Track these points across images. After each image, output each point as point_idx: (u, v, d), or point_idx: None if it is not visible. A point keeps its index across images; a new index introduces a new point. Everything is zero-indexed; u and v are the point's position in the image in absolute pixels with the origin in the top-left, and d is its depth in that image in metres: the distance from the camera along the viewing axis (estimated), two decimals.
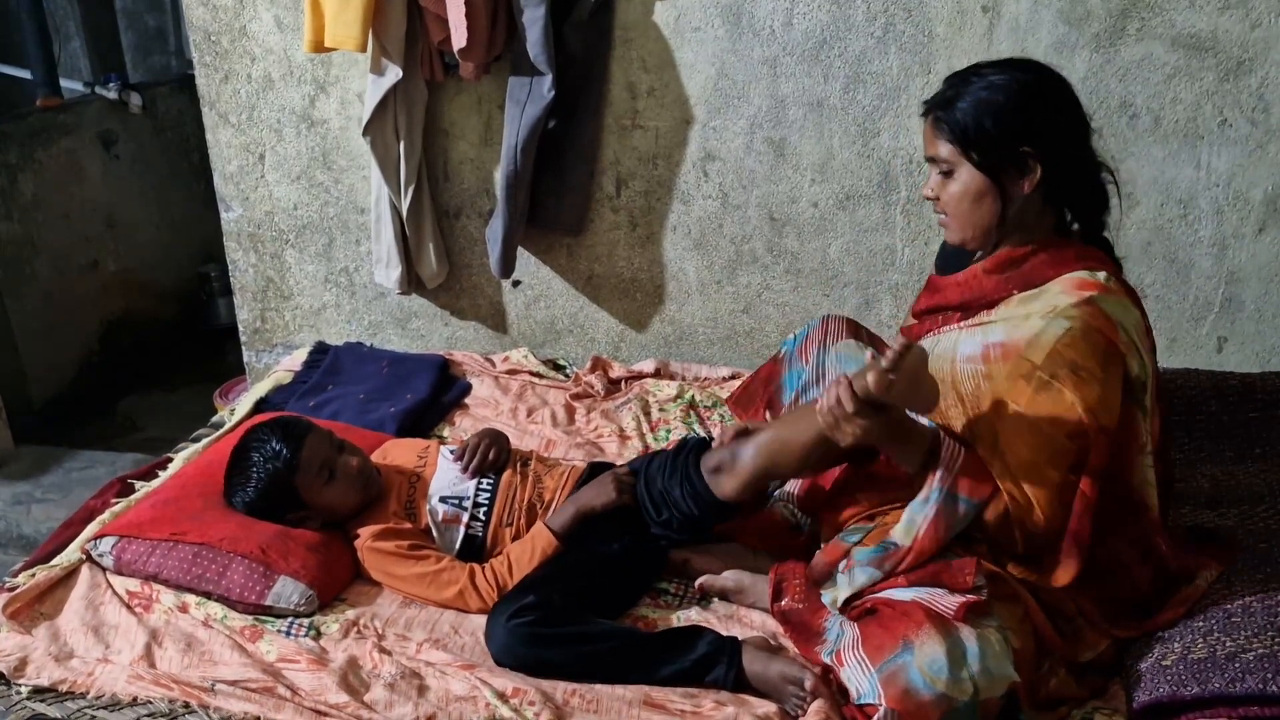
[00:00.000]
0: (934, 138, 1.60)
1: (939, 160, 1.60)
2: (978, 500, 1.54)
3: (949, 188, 1.60)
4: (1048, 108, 1.56)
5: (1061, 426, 1.51)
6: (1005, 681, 1.45)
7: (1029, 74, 1.58)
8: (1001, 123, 1.54)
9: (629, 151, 2.63)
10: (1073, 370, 1.51)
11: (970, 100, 1.55)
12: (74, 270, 3.95)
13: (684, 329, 2.79)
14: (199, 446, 2.25)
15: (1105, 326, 1.52)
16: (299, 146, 2.80)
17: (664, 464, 1.88)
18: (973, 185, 1.58)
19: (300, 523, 1.90)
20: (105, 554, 1.85)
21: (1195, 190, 2.39)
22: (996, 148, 1.55)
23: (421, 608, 1.81)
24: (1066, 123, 1.57)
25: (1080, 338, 1.51)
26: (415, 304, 2.91)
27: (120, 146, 4.14)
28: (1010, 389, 1.55)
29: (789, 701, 1.55)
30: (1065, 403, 1.50)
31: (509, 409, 2.50)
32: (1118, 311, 1.55)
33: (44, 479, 3.32)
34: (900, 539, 1.57)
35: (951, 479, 1.54)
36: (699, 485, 1.80)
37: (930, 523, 1.55)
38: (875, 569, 1.58)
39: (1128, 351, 1.54)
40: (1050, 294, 1.57)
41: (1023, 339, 1.55)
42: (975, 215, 1.60)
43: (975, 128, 1.55)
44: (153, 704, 1.58)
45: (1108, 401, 1.52)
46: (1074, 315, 1.52)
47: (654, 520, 1.85)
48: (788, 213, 2.60)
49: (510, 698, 1.55)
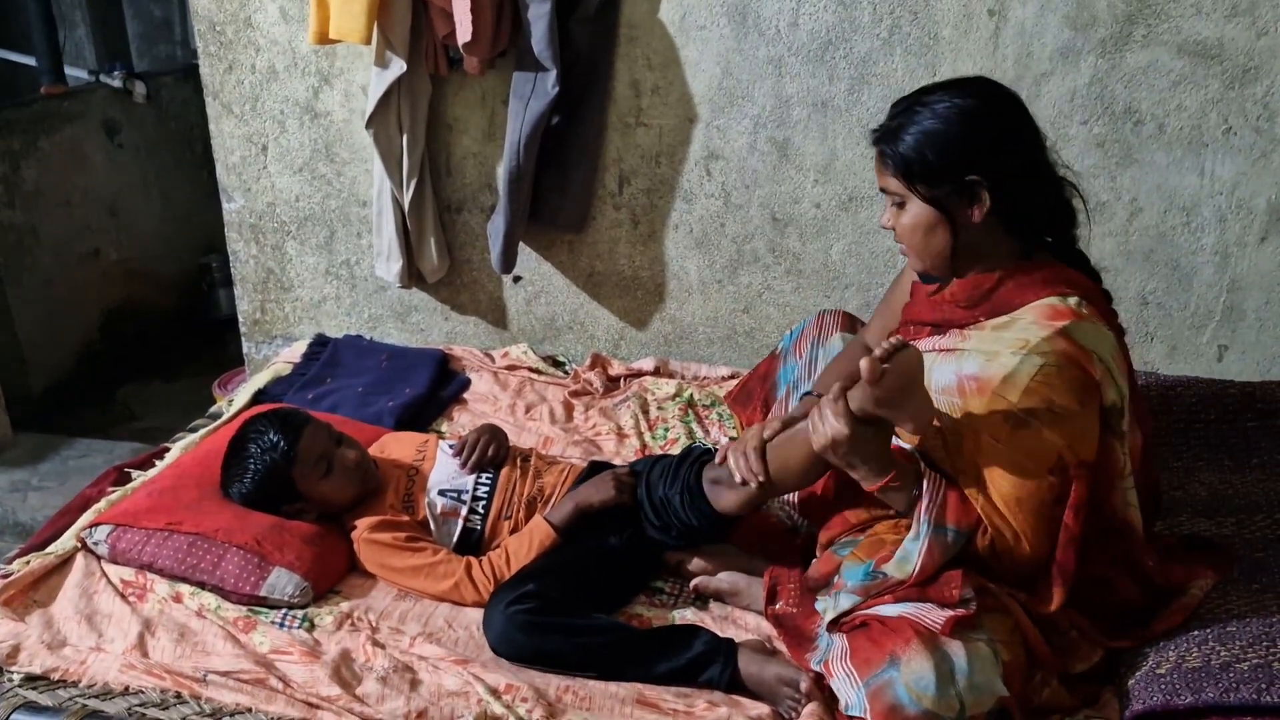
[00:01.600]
0: (881, 170, 1.58)
1: (889, 193, 1.58)
2: (965, 529, 1.53)
3: (901, 219, 1.58)
4: (993, 134, 1.52)
5: (1042, 462, 1.50)
6: (993, 697, 1.44)
7: (975, 99, 1.53)
8: (945, 154, 1.51)
9: (632, 149, 2.62)
10: (1049, 408, 1.49)
11: (913, 132, 1.52)
12: (75, 259, 3.95)
13: (684, 328, 2.78)
14: (196, 437, 2.25)
15: (1080, 357, 1.49)
16: (302, 138, 2.80)
17: (666, 471, 1.88)
18: (922, 217, 1.56)
19: (297, 515, 1.90)
20: (100, 542, 1.84)
21: (1199, 198, 2.39)
22: (941, 179, 1.52)
23: (416, 601, 1.81)
24: (1015, 147, 1.54)
25: (1055, 375, 1.48)
26: (415, 298, 2.91)
27: (124, 135, 4.14)
28: (988, 425, 1.52)
29: (783, 704, 1.55)
30: (1044, 440, 1.49)
31: (507, 405, 2.50)
32: (1091, 339, 1.52)
33: (41, 467, 3.33)
34: (894, 571, 1.55)
35: (937, 510, 1.53)
36: (699, 497, 1.79)
37: (924, 556, 1.53)
38: (860, 597, 1.57)
39: (1103, 381, 1.51)
40: (1021, 324, 1.54)
41: (997, 375, 1.52)
42: (929, 246, 1.58)
43: (919, 160, 1.52)
44: (145, 694, 1.58)
45: (1085, 436, 1.51)
46: (1047, 351, 1.49)
47: (652, 525, 1.85)
48: (790, 213, 2.60)
49: (503, 694, 1.55)
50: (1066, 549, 1.52)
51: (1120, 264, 2.46)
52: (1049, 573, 1.54)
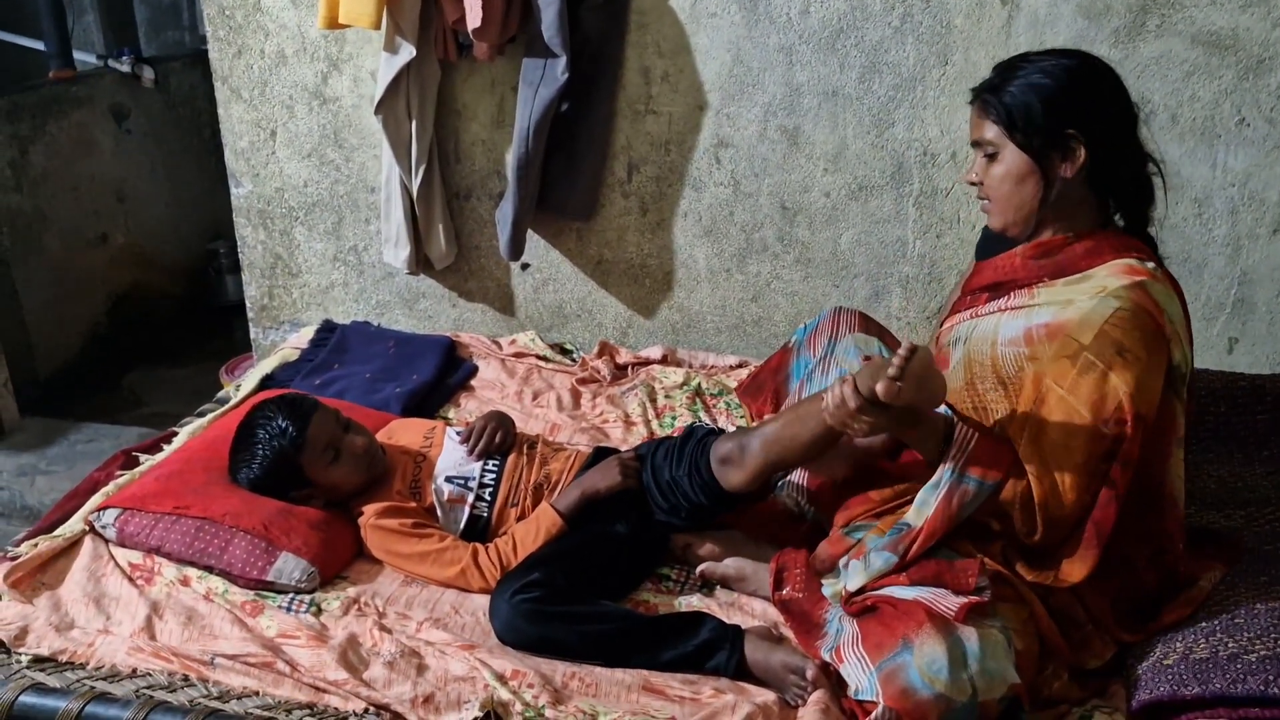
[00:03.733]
0: (980, 120, 1.61)
1: (984, 143, 1.61)
2: (990, 482, 1.53)
3: (993, 170, 1.61)
4: (1095, 93, 1.56)
5: (1100, 411, 1.50)
6: (1005, 684, 1.44)
7: (1078, 61, 1.59)
8: (1048, 104, 1.54)
9: (641, 136, 2.62)
10: (1119, 352, 1.50)
11: (1018, 84, 1.57)
12: (83, 244, 3.95)
13: (692, 316, 2.78)
14: (204, 421, 2.25)
15: (1154, 310, 1.52)
16: (310, 124, 2.79)
17: (671, 452, 1.88)
18: (1015, 167, 1.58)
19: (304, 500, 1.90)
20: (108, 526, 1.85)
21: (1211, 189, 2.37)
22: (1041, 129, 1.55)
23: (423, 587, 1.81)
24: (1113, 110, 1.58)
25: (1129, 319, 1.51)
26: (423, 284, 2.91)
27: (132, 121, 4.14)
28: (1054, 369, 1.54)
29: (790, 691, 1.55)
30: (1107, 386, 1.49)
31: (514, 392, 2.49)
32: (1164, 298, 1.55)
33: (49, 451, 3.33)
34: (913, 520, 1.57)
35: (964, 459, 1.53)
36: (707, 476, 1.80)
37: (941, 501, 1.54)
38: (891, 553, 1.57)
39: (1172, 339, 1.54)
40: (1098, 277, 1.58)
41: (1071, 319, 1.55)
42: (1017, 198, 1.60)
43: (1021, 109, 1.56)
44: (152, 676, 1.58)
45: (1149, 388, 1.51)
46: (1124, 296, 1.52)
47: (660, 507, 1.85)
48: (799, 202, 2.59)
49: (509, 679, 1.55)
50: (1107, 507, 1.52)
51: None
52: (1081, 534, 1.53)
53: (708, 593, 1.81)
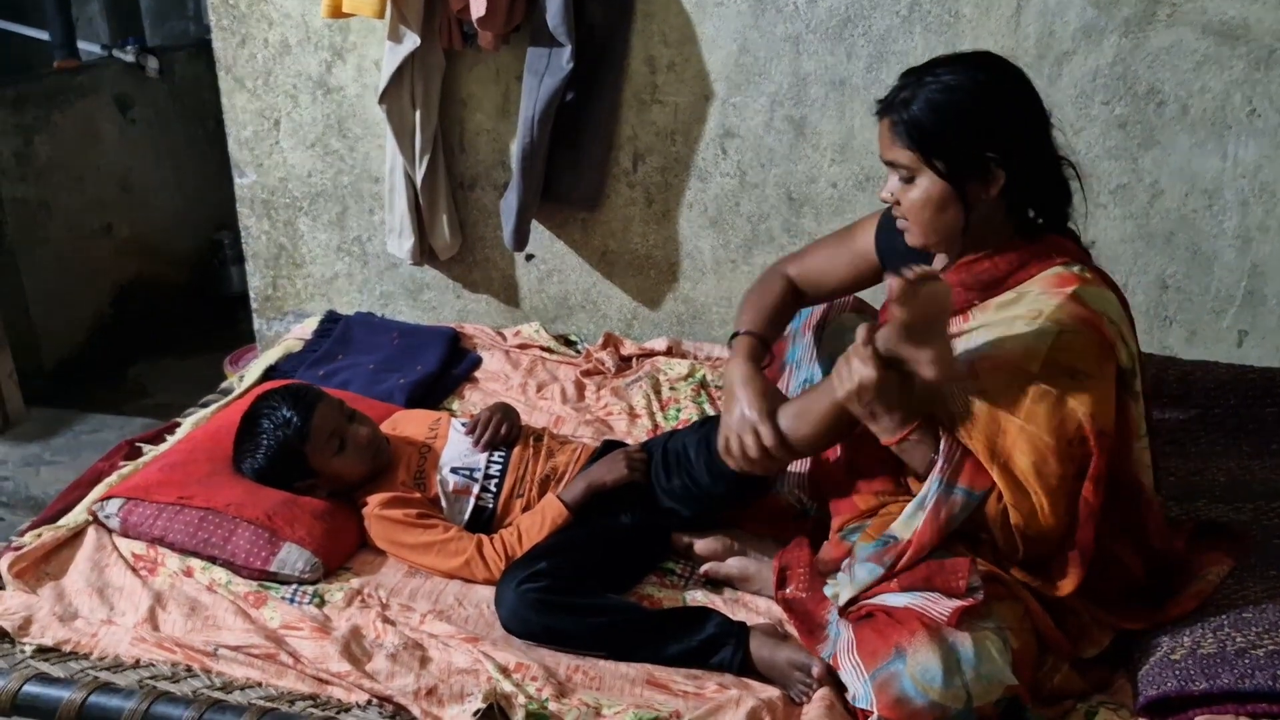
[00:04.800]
0: (891, 142, 1.53)
1: (897, 165, 1.54)
2: (979, 491, 1.50)
3: (909, 194, 1.54)
4: (1009, 110, 1.50)
5: (1062, 433, 1.47)
6: (1001, 686, 1.42)
7: (988, 74, 1.51)
8: (964, 129, 1.48)
9: (647, 126, 2.60)
10: (1071, 375, 1.47)
11: (930, 104, 1.49)
12: (87, 234, 3.95)
13: (697, 308, 2.77)
14: (208, 412, 2.25)
15: (1094, 320, 1.49)
16: (314, 113, 2.78)
17: (687, 435, 1.88)
18: (934, 193, 1.52)
19: (308, 491, 1.90)
20: (112, 516, 1.84)
21: (1221, 181, 2.36)
22: (959, 155, 1.49)
23: (426, 578, 1.81)
24: (1028, 125, 1.52)
25: (1073, 339, 1.48)
26: (427, 275, 2.90)
27: (136, 110, 4.14)
28: (1006, 400, 1.50)
29: (794, 688, 1.54)
30: (1065, 410, 1.47)
31: (519, 384, 2.49)
32: (1099, 301, 1.52)
33: (53, 441, 3.34)
34: (900, 533, 1.54)
35: (950, 469, 1.51)
36: (715, 452, 1.78)
37: (929, 514, 1.51)
38: (876, 564, 1.55)
39: (1115, 341, 1.51)
40: (1030, 296, 1.53)
41: (1015, 350, 1.50)
42: (938, 223, 1.54)
43: (936, 134, 1.48)
44: (155, 667, 1.58)
45: (1105, 402, 1.49)
46: (1062, 316, 1.48)
47: (665, 491, 1.84)
48: (806, 192, 2.57)
49: (513, 672, 1.55)
50: (1086, 525, 1.50)
51: (1140, 247, 2.43)
52: (1066, 553, 1.52)
53: (713, 589, 1.81)
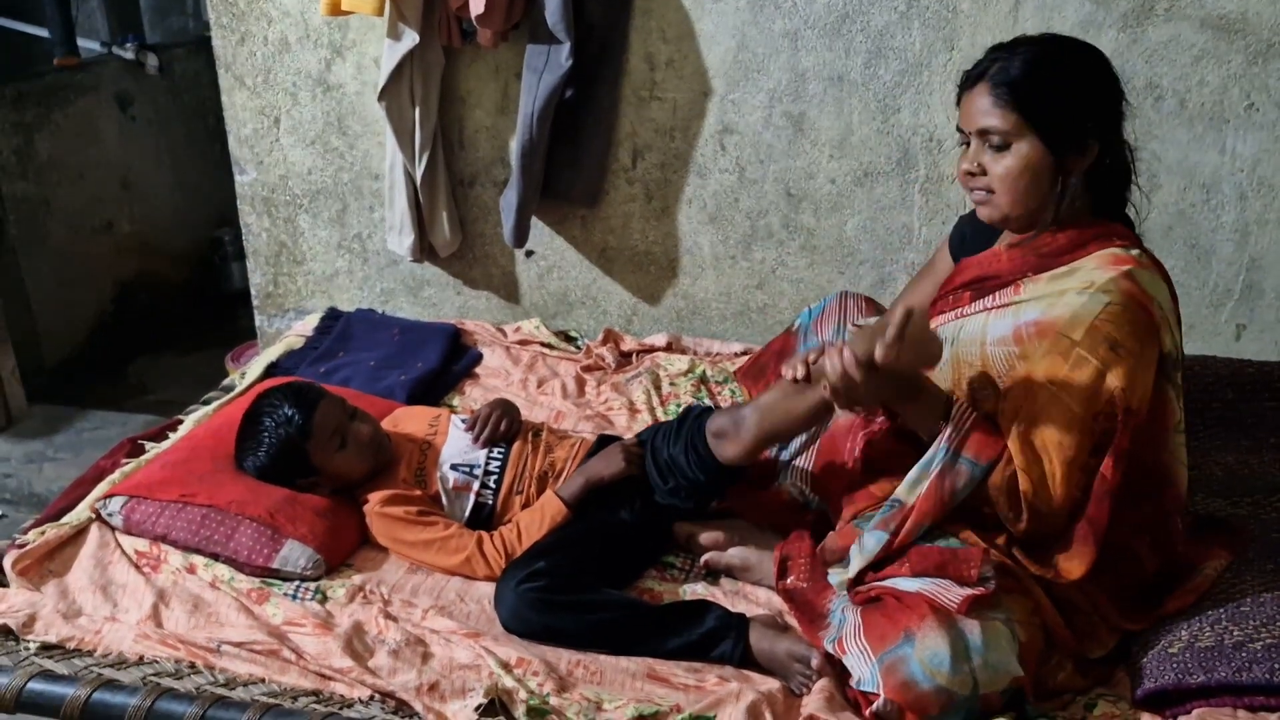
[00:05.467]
0: (990, 107, 1.52)
1: (994, 132, 1.52)
2: (984, 463, 1.51)
3: (1002, 161, 1.53)
4: (1106, 82, 1.53)
5: (1092, 405, 1.48)
6: (1008, 676, 1.43)
7: (1080, 48, 1.54)
8: (1069, 94, 1.50)
9: (646, 123, 2.61)
10: (1111, 347, 1.48)
11: (1036, 67, 1.50)
12: (88, 231, 3.95)
13: (697, 303, 2.77)
14: (210, 409, 2.25)
15: (1144, 299, 1.50)
16: (314, 111, 2.79)
17: (669, 432, 1.89)
18: (1034, 160, 1.52)
19: (310, 488, 1.90)
20: (115, 513, 1.85)
21: (1219, 175, 2.36)
22: (1063, 120, 1.50)
23: (428, 574, 1.81)
24: (1119, 103, 1.55)
25: (1120, 312, 1.49)
26: (428, 272, 2.90)
27: (136, 108, 4.14)
28: (1046, 366, 1.51)
29: (794, 680, 1.55)
30: (1100, 381, 1.48)
31: (519, 380, 2.49)
32: (1151, 285, 1.53)
33: (56, 438, 3.34)
34: (903, 496, 1.55)
35: (959, 438, 1.51)
36: (703, 450, 1.80)
37: (933, 481, 1.52)
38: (882, 531, 1.55)
39: (1163, 326, 1.52)
40: (1085, 270, 1.54)
41: (1061, 316, 1.52)
42: (1032, 192, 1.54)
43: (1042, 97, 1.49)
44: (159, 663, 1.59)
45: (1141, 381, 1.50)
46: (1113, 290, 1.50)
47: (660, 489, 1.85)
48: (805, 188, 2.58)
49: (514, 668, 1.56)
50: (1101, 502, 1.50)
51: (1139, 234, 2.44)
52: (1078, 530, 1.52)
53: (712, 581, 1.81)
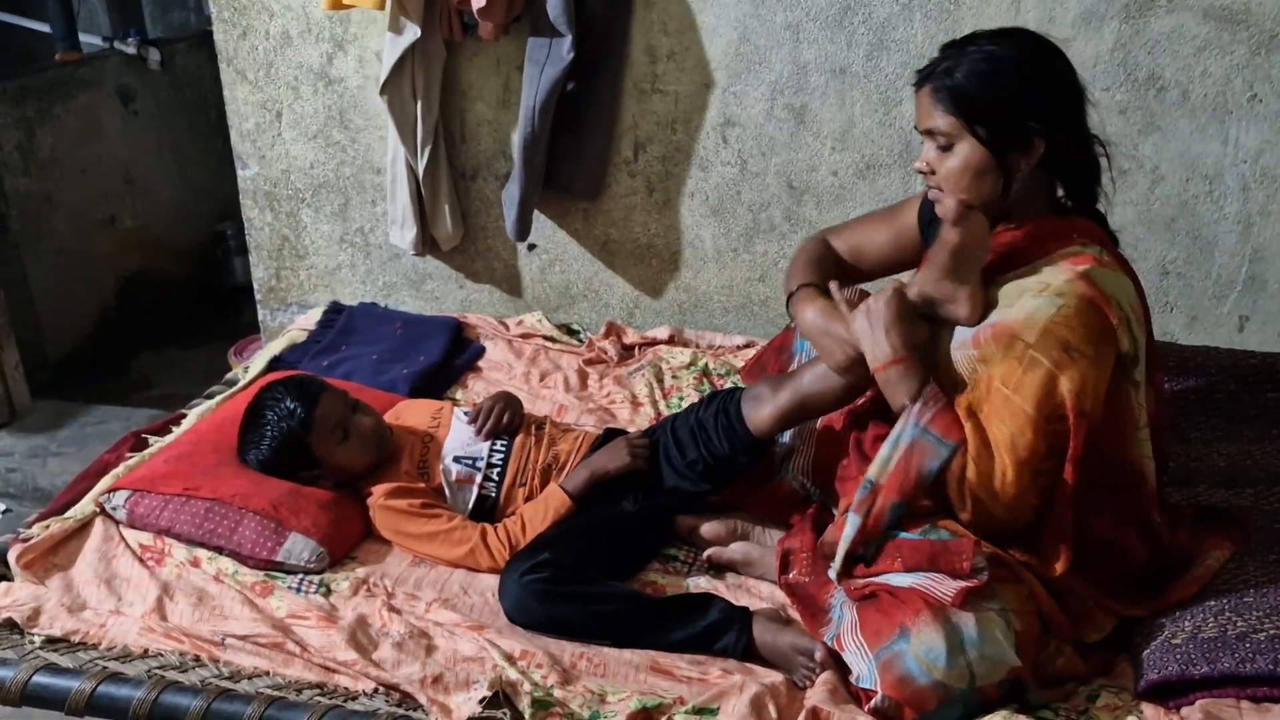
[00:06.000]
0: (932, 109, 1.53)
1: (936, 133, 1.54)
2: (951, 441, 1.50)
3: (947, 162, 1.54)
4: (1051, 80, 1.52)
5: (1044, 408, 1.48)
6: (1004, 667, 1.44)
7: (1029, 45, 1.54)
8: (1007, 96, 1.50)
9: (648, 116, 2.60)
10: (1064, 350, 1.47)
11: (973, 71, 1.50)
12: (91, 227, 3.96)
13: (699, 296, 2.77)
14: (213, 403, 2.26)
15: (1100, 301, 1.49)
16: (316, 104, 2.78)
17: (697, 405, 1.91)
18: (974, 161, 1.52)
19: (313, 481, 1.91)
20: (118, 507, 1.86)
21: (1222, 166, 2.35)
22: (1001, 122, 1.50)
23: (431, 567, 1.82)
24: (1069, 97, 1.54)
25: (1074, 314, 1.48)
26: (430, 266, 2.90)
27: (139, 103, 4.14)
28: (1002, 370, 1.51)
29: (798, 673, 1.55)
30: (1052, 384, 1.47)
31: (522, 373, 2.49)
32: (1111, 285, 1.52)
33: (59, 433, 3.35)
34: (874, 475, 1.55)
35: (929, 415, 1.51)
36: (734, 414, 1.80)
37: (900, 458, 1.52)
38: (857, 514, 1.55)
39: (1120, 327, 1.51)
40: (1043, 272, 1.54)
41: (1017, 319, 1.51)
42: (975, 192, 1.54)
43: (980, 100, 1.50)
44: (164, 656, 1.59)
45: (1094, 385, 1.49)
46: (1067, 292, 1.49)
47: (677, 464, 1.85)
48: (807, 181, 2.58)
49: (518, 660, 1.56)
50: (1064, 505, 1.50)
51: (1141, 233, 2.43)
52: (1049, 533, 1.53)
53: (715, 574, 1.82)
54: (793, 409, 1.77)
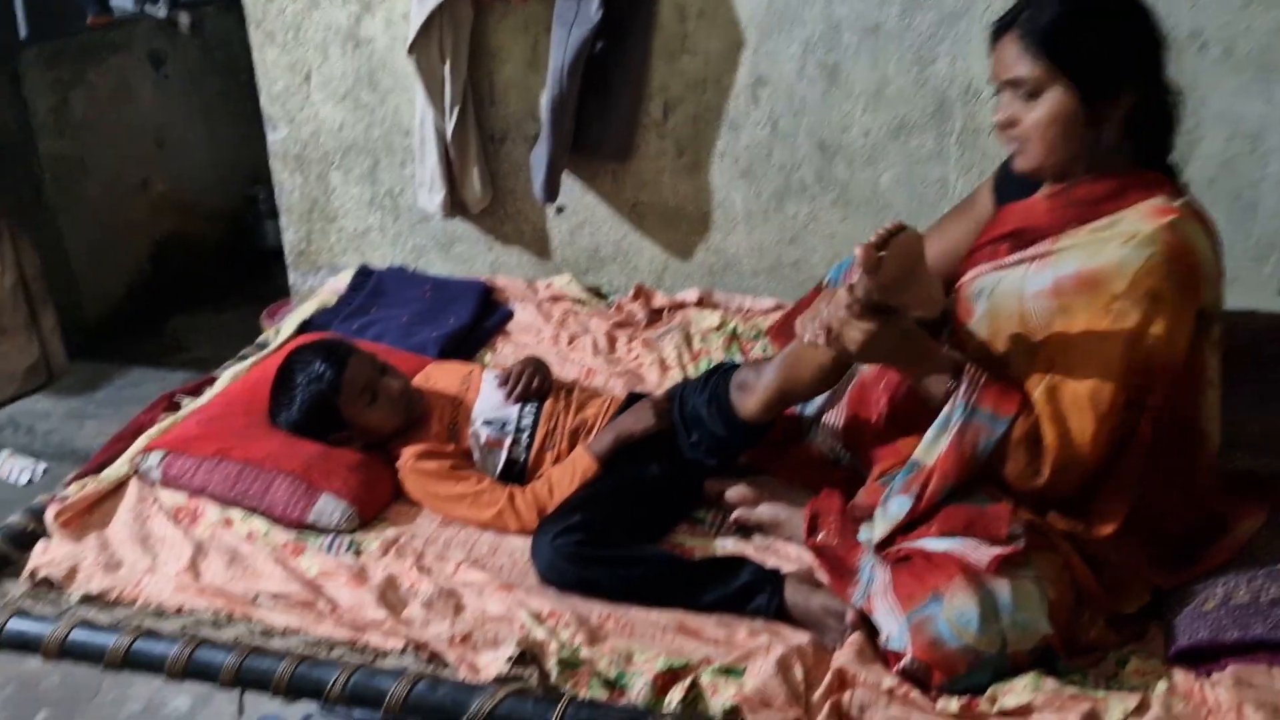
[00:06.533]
0: (1018, 56, 1.48)
1: (1023, 81, 1.48)
2: (1004, 416, 1.48)
3: (1033, 112, 1.49)
4: (1141, 27, 1.49)
5: (1129, 361, 1.45)
6: (1037, 635, 1.43)
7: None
8: (1100, 42, 1.45)
9: (677, 75, 2.57)
10: (1154, 299, 1.44)
11: (1065, 14, 1.46)
12: (124, 190, 3.98)
13: (729, 259, 2.75)
14: (244, 365, 2.28)
15: (1186, 252, 1.46)
16: (344, 66, 2.78)
17: (697, 384, 1.89)
18: (1063, 109, 1.47)
19: (343, 443, 1.92)
20: (153, 468, 1.88)
21: (1265, 125, 2.30)
22: (1094, 69, 1.46)
23: (460, 528, 1.83)
24: (1156, 45, 1.50)
25: (1162, 263, 1.44)
26: (459, 228, 2.90)
27: (169, 66, 4.15)
28: (1086, 320, 1.48)
29: (828, 634, 1.55)
30: (1140, 334, 1.44)
31: (550, 336, 2.49)
32: (1195, 238, 1.48)
33: (96, 395, 3.40)
34: (921, 457, 1.53)
35: (975, 393, 1.49)
36: (724, 402, 1.79)
37: (952, 439, 1.50)
38: (905, 495, 1.54)
39: (1204, 280, 1.48)
40: (1128, 221, 1.50)
41: (1103, 267, 1.47)
42: (1062, 142, 1.50)
43: (1072, 46, 1.45)
44: (197, 614, 1.61)
45: (1178, 336, 1.46)
46: (1156, 241, 1.45)
47: (687, 443, 1.85)
48: (839, 141, 2.54)
49: (545, 619, 1.57)
50: (1134, 460, 1.48)
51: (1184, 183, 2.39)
52: (1108, 488, 1.50)
53: (743, 536, 1.82)
54: (777, 396, 1.75)
